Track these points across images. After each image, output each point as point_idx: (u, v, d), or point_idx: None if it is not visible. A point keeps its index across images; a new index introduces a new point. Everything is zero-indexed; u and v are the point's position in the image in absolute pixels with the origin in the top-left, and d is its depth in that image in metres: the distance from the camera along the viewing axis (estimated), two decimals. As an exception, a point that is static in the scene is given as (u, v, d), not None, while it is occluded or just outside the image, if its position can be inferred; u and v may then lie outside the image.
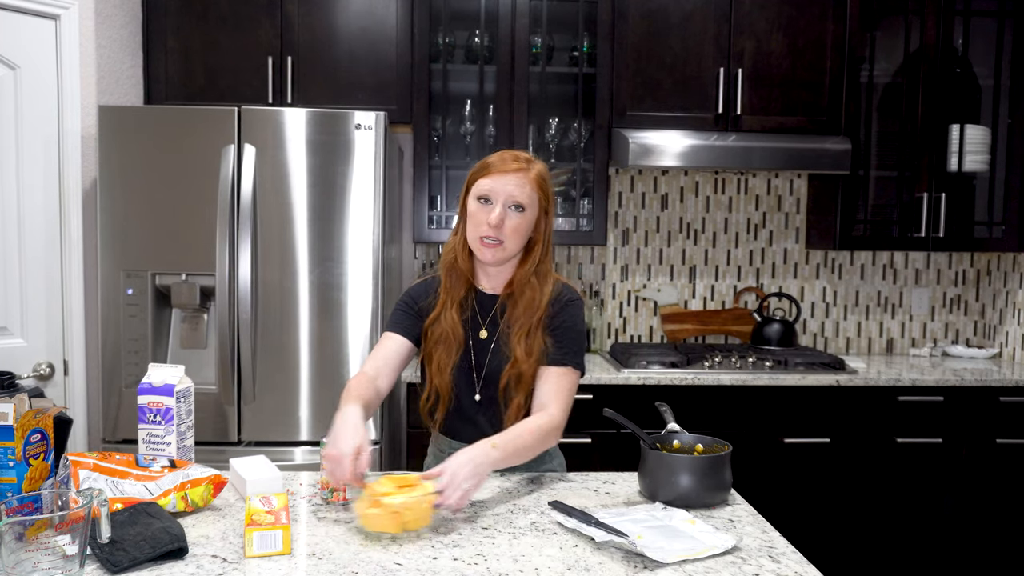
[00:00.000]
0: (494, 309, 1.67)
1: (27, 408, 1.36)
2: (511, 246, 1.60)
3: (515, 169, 1.58)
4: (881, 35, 3.13)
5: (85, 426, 2.64)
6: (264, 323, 2.55)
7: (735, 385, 2.81)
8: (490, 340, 1.66)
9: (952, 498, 2.88)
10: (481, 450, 1.43)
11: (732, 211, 3.44)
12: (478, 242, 1.59)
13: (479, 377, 1.67)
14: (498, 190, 1.57)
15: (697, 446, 1.59)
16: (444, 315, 1.64)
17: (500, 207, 1.57)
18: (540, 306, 1.62)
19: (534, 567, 1.20)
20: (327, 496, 1.47)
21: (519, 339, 1.61)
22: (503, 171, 1.58)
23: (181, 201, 2.52)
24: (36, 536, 1.07)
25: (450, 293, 1.66)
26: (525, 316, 1.62)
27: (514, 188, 1.57)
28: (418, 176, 3.03)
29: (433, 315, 1.66)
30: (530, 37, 3.02)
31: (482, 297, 1.69)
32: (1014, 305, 3.33)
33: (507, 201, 1.57)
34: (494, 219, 1.56)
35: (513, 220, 1.58)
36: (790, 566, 1.23)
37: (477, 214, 1.59)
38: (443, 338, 1.64)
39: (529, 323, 1.61)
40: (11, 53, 2.44)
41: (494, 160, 1.60)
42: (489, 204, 1.58)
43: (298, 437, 2.57)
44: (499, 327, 1.65)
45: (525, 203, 1.58)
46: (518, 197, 1.57)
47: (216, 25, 2.94)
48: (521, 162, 1.60)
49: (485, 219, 1.57)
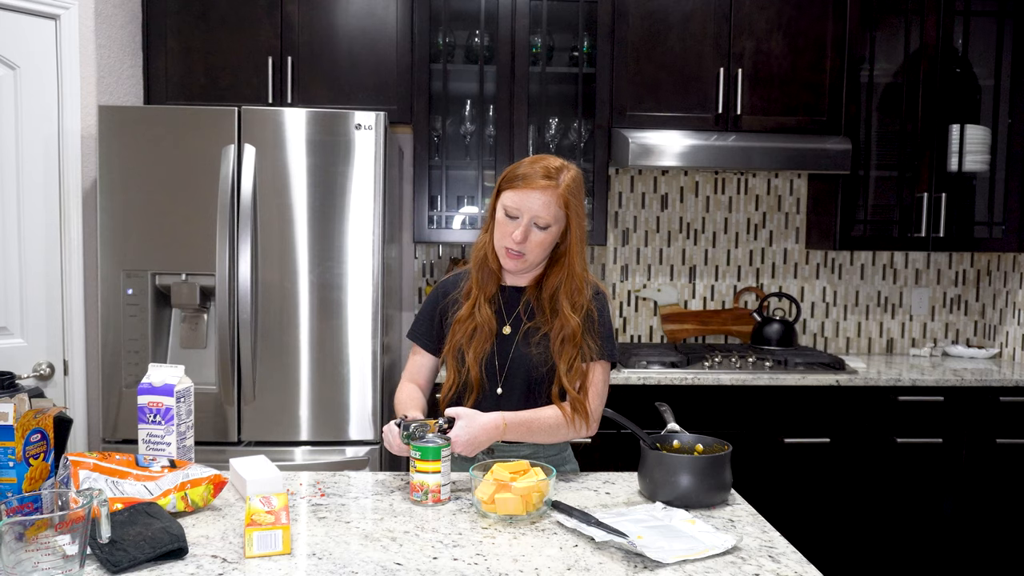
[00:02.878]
0: (519, 306, 1.73)
1: (27, 408, 1.36)
2: (533, 259, 1.66)
3: (543, 187, 1.60)
4: (881, 35, 3.13)
5: (85, 426, 2.64)
6: (264, 323, 2.55)
7: (735, 385, 2.81)
8: (513, 335, 1.71)
9: (952, 498, 2.88)
10: (493, 424, 1.58)
11: (732, 211, 3.44)
12: (503, 251, 1.66)
13: (502, 370, 1.70)
14: (524, 208, 1.61)
15: (697, 446, 1.59)
16: (479, 310, 1.69)
17: (524, 224, 1.62)
18: (578, 325, 1.65)
19: (534, 567, 1.20)
20: (420, 498, 1.47)
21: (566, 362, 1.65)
22: (531, 188, 1.60)
23: (181, 201, 2.52)
24: (36, 536, 1.07)
25: (483, 289, 1.71)
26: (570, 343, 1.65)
27: (540, 208, 1.61)
28: (418, 176, 3.03)
29: (465, 311, 1.70)
30: (530, 37, 3.02)
31: (509, 293, 1.75)
32: (1014, 305, 3.33)
33: (532, 219, 1.62)
34: (518, 236, 1.61)
35: (537, 236, 1.63)
36: (790, 566, 1.23)
37: (503, 225, 1.64)
38: (478, 332, 1.68)
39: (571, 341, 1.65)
40: (11, 53, 2.44)
41: (525, 172, 1.62)
42: (515, 219, 1.63)
43: (298, 437, 2.57)
44: (523, 324, 1.71)
45: (550, 222, 1.62)
46: (543, 217, 1.61)
47: (216, 25, 2.94)
48: (551, 178, 1.61)
49: (510, 232, 1.63)
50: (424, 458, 1.46)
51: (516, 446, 1.70)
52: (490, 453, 1.70)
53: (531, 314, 1.71)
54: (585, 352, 1.67)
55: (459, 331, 1.69)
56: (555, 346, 1.66)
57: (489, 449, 1.69)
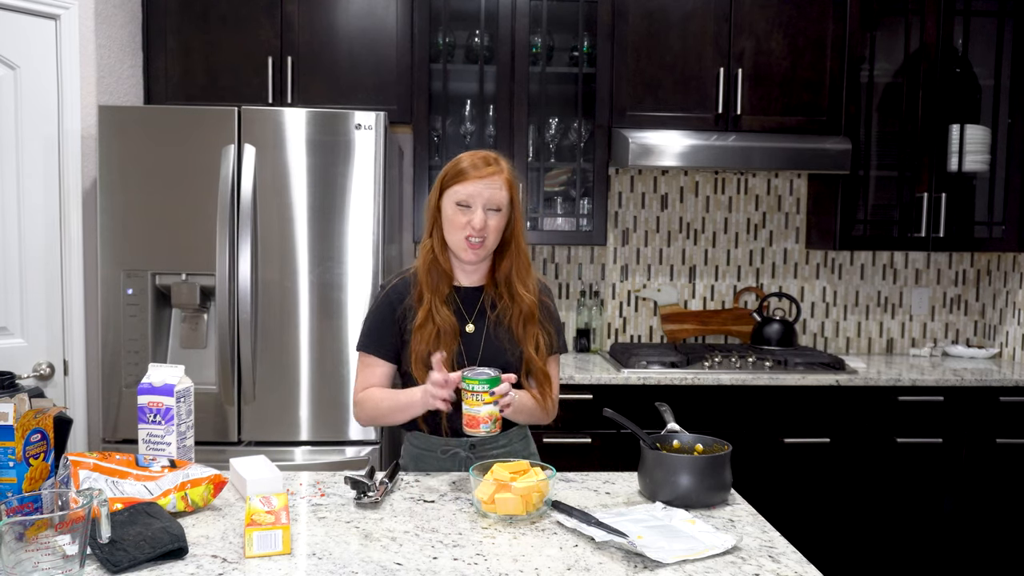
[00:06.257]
0: (480, 302, 1.75)
1: (27, 408, 1.36)
2: (491, 244, 1.70)
3: (490, 173, 1.67)
4: (881, 35, 3.13)
5: (85, 426, 2.64)
6: (264, 323, 2.55)
7: (735, 385, 2.81)
8: (479, 333, 1.73)
9: (952, 498, 2.88)
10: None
11: (732, 211, 3.44)
12: (462, 243, 1.67)
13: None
14: (476, 195, 1.65)
15: (697, 446, 1.59)
16: (436, 313, 1.68)
17: (480, 211, 1.65)
18: (533, 303, 1.73)
19: (534, 567, 1.20)
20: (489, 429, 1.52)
21: (532, 341, 1.71)
22: (479, 176, 1.66)
23: (181, 201, 2.52)
24: (36, 536, 1.07)
25: (435, 292, 1.71)
26: (530, 320, 1.72)
27: (492, 192, 1.66)
28: (418, 176, 3.03)
29: (422, 317, 1.68)
30: (530, 37, 3.02)
31: (465, 292, 1.76)
32: (1014, 305, 3.33)
33: (486, 205, 1.66)
34: (478, 223, 1.64)
35: (493, 220, 1.67)
36: (790, 566, 1.23)
37: (456, 218, 1.67)
38: (442, 334, 1.67)
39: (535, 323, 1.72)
40: (11, 53, 2.44)
41: (467, 166, 1.67)
42: (468, 208, 1.66)
43: (298, 437, 2.57)
44: (487, 320, 1.73)
45: (502, 204, 1.68)
46: (496, 200, 1.67)
47: (216, 25, 2.94)
48: (493, 165, 1.68)
49: (466, 222, 1.65)
50: (490, 387, 1.50)
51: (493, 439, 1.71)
52: (471, 449, 1.73)
53: (493, 306, 1.74)
54: (544, 341, 1.73)
55: (420, 339, 1.67)
56: (518, 330, 1.71)
57: (471, 445, 1.73)
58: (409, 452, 1.79)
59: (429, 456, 1.75)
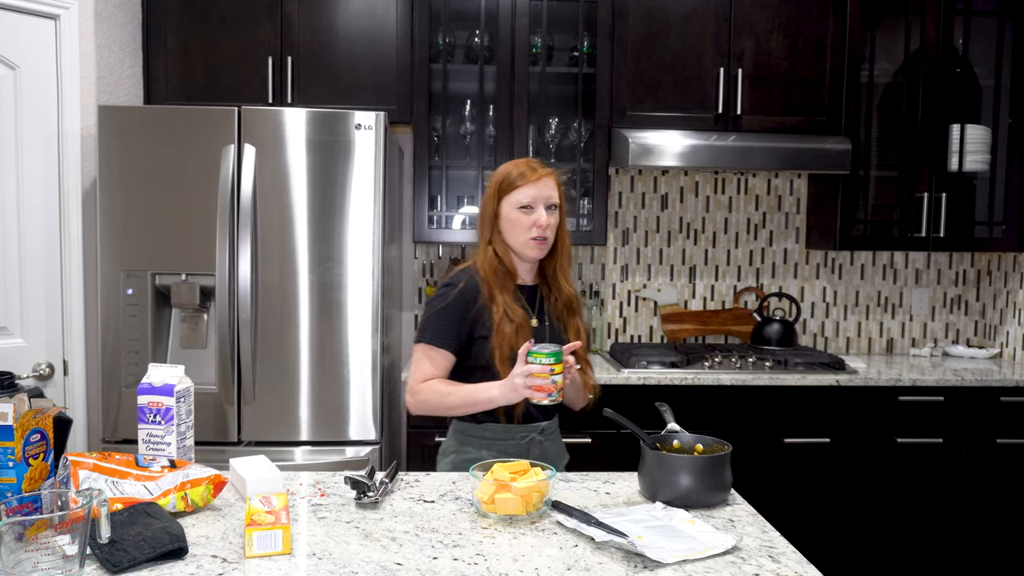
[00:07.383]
0: (537, 299, 1.89)
1: (27, 408, 1.36)
2: (551, 239, 1.84)
3: (546, 174, 1.82)
4: (881, 35, 3.13)
5: (85, 426, 2.64)
6: (264, 323, 2.55)
7: (735, 385, 2.81)
8: (543, 326, 1.87)
9: (952, 498, 2.88)
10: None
11: (732, 211, 3.44)
12: (529, 243, 1.80)
13: None
14: (536, 196, 1.79)
15: (697, 446, 1.59)
16: (511, 311, 1.79)
17: (542, 209, 1.79)
18: (572, 293, 1.90)
19: (534, 567, 1.20)
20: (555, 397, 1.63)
21: (573, 331, 1.87)
22: (535, 179, 1.80)
23: (181, 201, 2.52)
24: (36, 536, 1.07)
25: (505, 291, 1.82)
26: (570, 310, 1.89)
27: (549, 192, 1.81)
28: (418, 176, 3.03)
29: (499, 316, 1.78)
30: (530, 37, 3.01)
31: (525, 290, 1.88)
32: (1014, 305, 3.33)
33: (546, 203, 1.81)
34: (544, 221, 1.78)
35: (552, 218, 1.82)
36: (790, 566, 1.23)
37: (519, 221, 1.80)
38: (519, 330, 1.78)
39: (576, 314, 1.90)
40: (11, 53, 2.44)
41: (522, 171, 1.81)
42: (531, 210, 1.79)
43: (298, 437, 2.57)
44: (546, 313, 1.89)
45: (558, 202, 1.84)
46: (553, 198, 1.82)
47: (216, 25, 2.94)
48: (542, 168, 1.83)
49: (531, 223, 1.79)
50: (557, 361, 1.61)
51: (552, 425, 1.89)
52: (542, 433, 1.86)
53: (543, 301, 1.89)
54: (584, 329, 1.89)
55: (502, 336, 1.77)
56: (565, 319, 1.87)
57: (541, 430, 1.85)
58: (458, 448, 1.86)
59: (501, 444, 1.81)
